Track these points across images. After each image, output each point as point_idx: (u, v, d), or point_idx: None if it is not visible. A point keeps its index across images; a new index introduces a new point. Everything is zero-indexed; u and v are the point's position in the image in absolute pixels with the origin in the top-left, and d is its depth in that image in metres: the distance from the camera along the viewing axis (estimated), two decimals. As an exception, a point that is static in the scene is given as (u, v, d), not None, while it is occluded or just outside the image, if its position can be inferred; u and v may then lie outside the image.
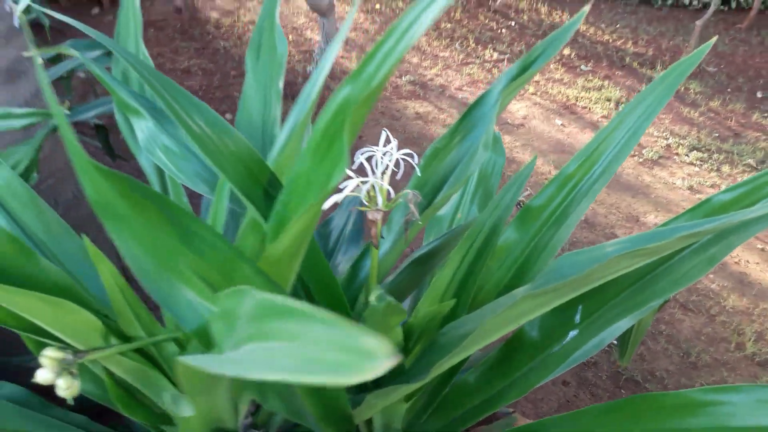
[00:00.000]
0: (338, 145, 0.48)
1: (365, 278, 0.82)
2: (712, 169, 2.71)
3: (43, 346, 0.60)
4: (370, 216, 0.65)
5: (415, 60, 3.69)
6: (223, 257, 0.49)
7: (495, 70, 3.57)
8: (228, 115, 2.85)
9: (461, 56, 3.79)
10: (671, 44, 4.18)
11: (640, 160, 2.76)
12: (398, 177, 0.71)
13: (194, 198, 1.13)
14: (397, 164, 0.70)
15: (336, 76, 3.35)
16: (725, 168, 2.72)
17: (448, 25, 4.40)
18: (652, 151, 2.81)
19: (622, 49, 4.08)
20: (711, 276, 2.04)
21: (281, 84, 0.90)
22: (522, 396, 0.79)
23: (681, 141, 2.92)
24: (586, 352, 0.77)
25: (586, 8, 0.73)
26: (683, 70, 0.74)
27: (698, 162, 2.77)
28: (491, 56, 3.79)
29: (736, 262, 2.12)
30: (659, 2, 5.05)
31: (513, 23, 4.53)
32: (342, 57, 3.76)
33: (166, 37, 3.79)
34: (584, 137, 2.96)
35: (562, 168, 0.78)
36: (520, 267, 0.77)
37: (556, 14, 4.70)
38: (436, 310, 0.68)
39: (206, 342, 0.49)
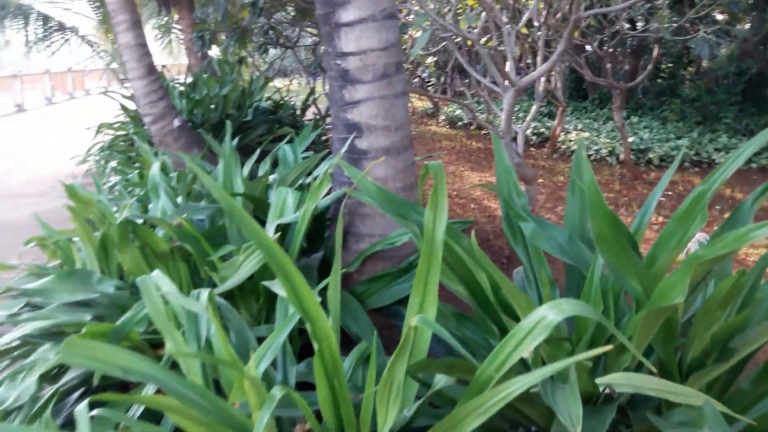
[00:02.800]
0: (699, 211, 1.03)
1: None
2: None
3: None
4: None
5: (587, 222, 4.26)
6: (642, 270, 1.04)
7: (663, 230, 4.04)
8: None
9: (629, 220, 4.31)
10: (834, 209, 4.44)
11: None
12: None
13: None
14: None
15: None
16: None
17: (611, 195, 4.99)
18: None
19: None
20: None
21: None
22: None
23: None
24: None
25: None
26: None
27: None
28: (657, 219, 4.27)
29: None
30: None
31: (670, 192, 5.04)
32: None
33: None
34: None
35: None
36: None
37: (711, 185, 5.15)
38: (731, 322, 1.16)
39: (597, 302, 1.02)
